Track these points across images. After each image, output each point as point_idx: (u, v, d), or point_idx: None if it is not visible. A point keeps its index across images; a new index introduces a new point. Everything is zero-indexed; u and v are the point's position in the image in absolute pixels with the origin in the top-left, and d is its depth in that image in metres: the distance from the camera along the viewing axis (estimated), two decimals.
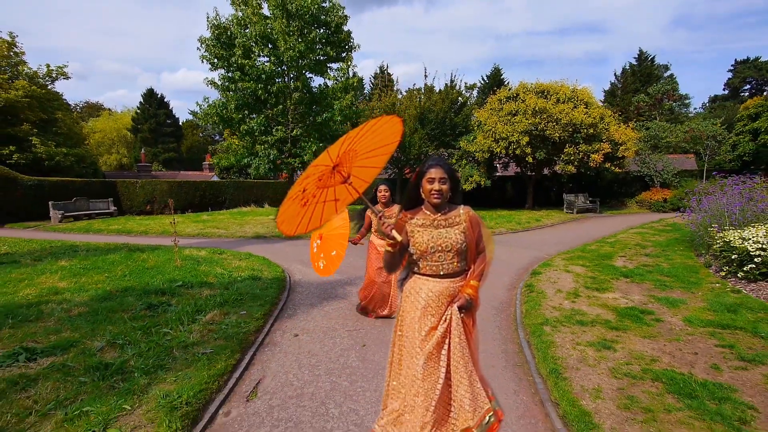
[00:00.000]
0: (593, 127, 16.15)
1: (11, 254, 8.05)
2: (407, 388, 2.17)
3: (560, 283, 5.78)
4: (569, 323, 4.14)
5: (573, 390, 2.84)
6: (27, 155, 21.35)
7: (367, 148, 2.14)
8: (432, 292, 2.15)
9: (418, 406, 2.09)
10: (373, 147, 2.15)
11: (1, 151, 20.57)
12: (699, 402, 2.62)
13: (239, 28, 12.14)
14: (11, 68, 22.34)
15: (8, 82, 21.19)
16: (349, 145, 2.05)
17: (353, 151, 2.10)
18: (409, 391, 2.15)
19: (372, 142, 2.12)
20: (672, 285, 5.55)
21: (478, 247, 2.22)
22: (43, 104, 22.83)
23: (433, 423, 2.07)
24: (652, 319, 4.24)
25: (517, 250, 9.03)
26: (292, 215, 2.17)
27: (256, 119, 12.74)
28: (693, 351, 3.43)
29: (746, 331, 3.78)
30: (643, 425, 2.42)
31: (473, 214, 2.21)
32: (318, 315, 4.68)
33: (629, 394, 2.76)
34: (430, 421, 2.05)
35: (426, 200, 2.17)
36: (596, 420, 2.48)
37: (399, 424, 2.19)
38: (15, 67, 22.61)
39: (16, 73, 22.45)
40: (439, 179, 2.11)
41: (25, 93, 20.96)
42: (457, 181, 2.20)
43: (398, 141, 2.23)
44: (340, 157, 2.07)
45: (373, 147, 2.16)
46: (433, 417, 2.06)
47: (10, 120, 21.00)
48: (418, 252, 2.15)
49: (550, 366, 3.20)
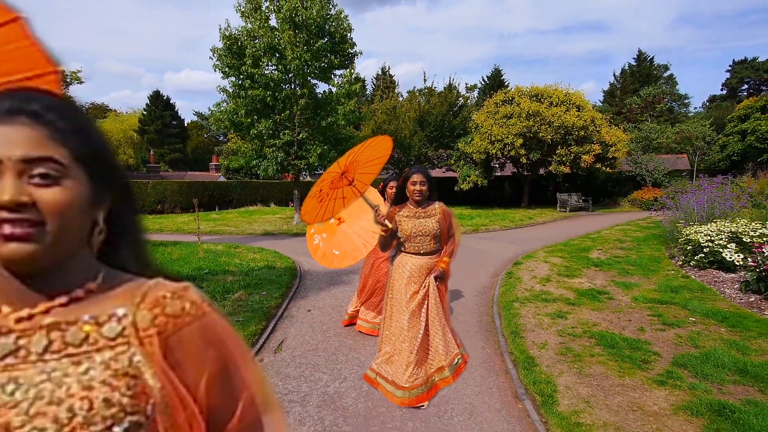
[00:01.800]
0: (584, 129, 16.94)
1: None
2: (396, 337, 3.00)
3: (536, 271, 6.61)
4: (535, 300, 4.98)
5: (526, 344, 3.68)
6: None
7: (366, 159, 3.00)
8: (414, 266, 2.95)
9: (404, 350, 2.92)
10: (370, 159, 3.01)
11: None
12: (618, 350, 3.46)
13: (249, 40, 13.02)
14: None
15: None
16: (353, 158, 2.90)
17: (356, 162, 2.96)
18: (397, 339, 2.98)
19: (370, 155, 2.98)
20: (633, 272, 6.38)
21: (449, 232, 3.03)
22: None
23: (415, 363, 2.90)
24: (605, 297, 5.07)
25: (506, 245, 9.85)
26: (311, 209, 3.02)
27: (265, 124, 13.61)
28: (628, 319, 4.27)
29: (678, 305, 4.61)
30: (570, 364, 3.26)
31: (445, 208, 3.04)
32: (326, 296, 5.54)
33: (567, 346, 3.60)
34: (413, 361, 2.88)
35: (410, 198, 2.98)
36: (537, 361, 3.32)
37: (390, 363, 3.02)
38: None
39: None
40: (420, 182, 2.92)
41: None
42: (432, 183, 3.00)
43: (389, 154, 3.09)
44: (346, 167, 2.93)
45: (371, 159, 3.02)
46: (415, 358, 2.89)
47: None
48: (404, 236, 2.96)
49: (512, 329, 4.04)
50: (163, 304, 0.60)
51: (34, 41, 0.88)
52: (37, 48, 0.72)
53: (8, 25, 0.84)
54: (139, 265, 0.66)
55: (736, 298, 4.82)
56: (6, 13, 0.80)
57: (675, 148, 23.53)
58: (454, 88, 22.59)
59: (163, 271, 0.67)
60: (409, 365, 2.84)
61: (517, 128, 17.15)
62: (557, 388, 2.89)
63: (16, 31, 0.85)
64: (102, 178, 0.59)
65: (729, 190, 9.64)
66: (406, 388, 2.79)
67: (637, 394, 2.79)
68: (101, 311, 0.58)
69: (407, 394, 2.78)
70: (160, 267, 0.69)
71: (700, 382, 2.88)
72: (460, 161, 20.32)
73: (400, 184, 3.07)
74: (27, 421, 0.50)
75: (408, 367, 2.84)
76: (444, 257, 3.01)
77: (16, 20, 0.84)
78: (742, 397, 2.68)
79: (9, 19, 0.78)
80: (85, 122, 0.59)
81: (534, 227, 13.92)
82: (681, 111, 52.92)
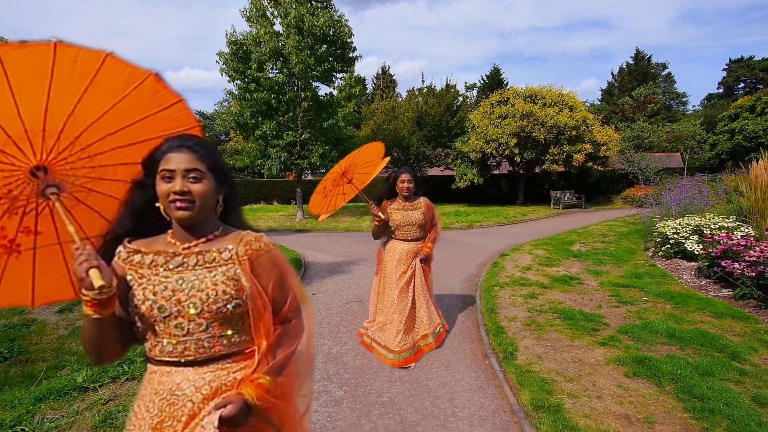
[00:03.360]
0: (576, 129, 17.55)
1: None
2: (387, 309, 3.66)
3: (520, 261, 7.27)
4: (514, 285, 5.64)
5: (499, 318, 4.34)
6: None
7: (363, 161, 3.65)
8: (403, 250, 3.58)
9: (395, 320, 3.57)
10: (366, 161, 3.67)
11: None
12: (574, 321, 4.11)
13: (255, 45, 13.66)
14: None
15: None
16: (352, 160, 3.57)
17: (354, 164, 3.62)
18: (389, 311, 3.63)
19: (366, 158, 3.64)
20: (607, 262, 7.03)
21: (432, 222, 3.68)
22: None
23: (404, 330, 3.55)
24: (576, 282, 5.72)
25: (497, 240, 10.50)
26: (317, 203, 3.68)
27: (269, 125, 14.28)
28: (590, 299, 4.92)
29: (637, 288, 5.26)
30: (532, 332, 3.92)
31: (429, 202, 3.66)
32: (329, 282, 6.20)
33: (533, 319, 4.26)
34: (402, 329, 3.53)
35: (399, 193, 3.63)
36: (506, 330, 3.98)
37: (383, 331, 3.68)
38: None
39: None
40: (407, 180, 3.55)
41: None
42: (418, 181, 3.63)
43: (382, 157, 3.73)
44: (346, 167, 3.58)
45: (367, 161, 3.67)
46: (404, 327, 3.54)
47: None
48: (394, 225, 3.60)
49: (489, 307, 4.70)
50: (250, 244, 1.25)
51: (183, 105, 1.27)
52: (186, 110, 1.35)
53: (145, 84, 1.19)
54: (238, 224, 1.32)
55: (690, 282, 5.47)
56: (141, 74, 1.18)
57: (667, 147, 24.15)
58: (451, 88, 23.21)
59: (251, 227, 1.33)
60: (399, 332, 3.48)
61: (511, 128, 17.77)
62: (518, 348, 3.55)
63: (161, 92, 1.23)
64: (221, 180, 1.24)
65: (706, 188, 10.27)
66: (396, 351, 3.39)
67: (580, 352, 3.44)
68: (221, 246, 1.23)
69: (397, 357, 3.38)
70: (249, 224, 1.35)
71: (634, 344, 3.54)
72: (457, 160, 20.95)
73: (390, 182, 3.72)
74: (187, 298, 1.14)
75: (398, 335, 3.48)
76: (428, 243, 3.66)
77: (150, 75, 1.20)
78: (664, 353, 3.33)
79: (145, 78, 1.33)
80: (213, 150, 1.24)
81: (527, 223, 14.55)
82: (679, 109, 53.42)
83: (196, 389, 1.15)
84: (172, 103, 1.30)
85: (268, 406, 1.17)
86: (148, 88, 1.26)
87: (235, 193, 1.33)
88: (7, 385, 2.90)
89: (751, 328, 3.74)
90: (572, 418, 2.49)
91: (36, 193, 1.19)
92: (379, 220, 3.50)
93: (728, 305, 4.38)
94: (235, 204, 1.33)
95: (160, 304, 1.13)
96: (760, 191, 6.39)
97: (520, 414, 2.64)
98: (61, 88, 1.16)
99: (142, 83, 1.24)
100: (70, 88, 1.17)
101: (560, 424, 2.43)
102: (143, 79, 1.24)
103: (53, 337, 3.81)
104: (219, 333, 1.18)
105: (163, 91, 1.28)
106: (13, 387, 2.86)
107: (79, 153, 1.22)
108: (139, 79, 1.24)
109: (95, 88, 1.20)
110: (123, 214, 1.23)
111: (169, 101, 1.30)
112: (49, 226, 1.23)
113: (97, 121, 1.22)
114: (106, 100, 1.21)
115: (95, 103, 1.20)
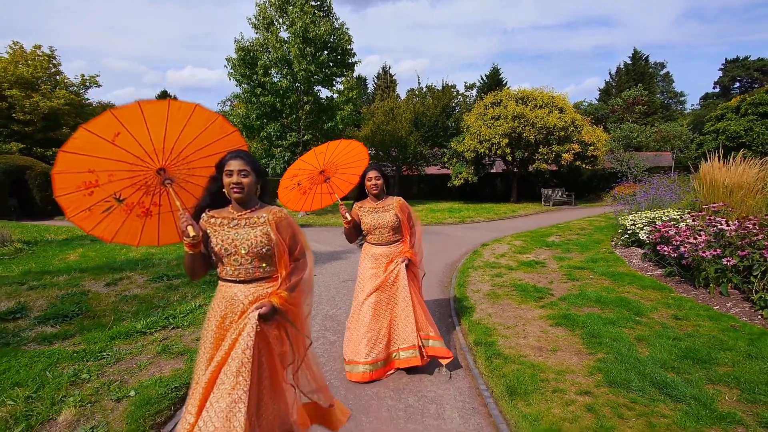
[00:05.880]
0: (564, 130, 18.45)
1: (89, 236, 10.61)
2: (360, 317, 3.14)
3: (497, 250, 8.22)
4: (485, 267, 6.59)
5: (466, 291, 5.29)
6: None
7: (345, 162, 3.39)
8: (376, 254, 3.17)
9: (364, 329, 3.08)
10: (348, 163, 3.40)
11: (45, 152, 23.27)
12: (526, 293, 5.06)
13: (262, 52, 14.65)
14: (51, 78, 25.00)
15: (50, 91, 23.82)
16: (331, 158, 3.30)
17: (334, 163, 3.35)
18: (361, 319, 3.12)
19: (347, 159, 3.38)
20: (574, 250, 7.97)
21: (410, 224, 3.20)
22: (78, 110, 25.45)
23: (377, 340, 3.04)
24: (540, 266, 6.67)
25: (484, 233, 11.44)
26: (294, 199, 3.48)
27: (273, 126, 15.26)
28: (546, 277, 5.87)
29: (589, 269, 6.20)
30: (490, 299, 4.87)
31: (402, 202, 3.19)
32: (328, 267, 7.17)
33: (493, 291, 5.21)
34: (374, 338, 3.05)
35: (368, 192, 3.18)
36: (469, 298, 4.93)
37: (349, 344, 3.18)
38: (54, 77, 25.26)
39: (55, 83, 25.11)
40: (375, 177, 3.09)
41: (66, 101, 23.60)
42: (388, 179, 3.20)
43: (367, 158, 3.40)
44: (325, 165, 3.33)
45: (348, 163, 3.40)
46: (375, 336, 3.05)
47: (52, 125, 23.68)
48: (365, 229, 3.19)
49: (460, 283, 5.65)
50: (275, 213, 2.21)
51: (237, 133, 2.27)
52: (238, 136, 2.30)
53: (216, 121, 2.36)
54: (268, 201, 2.28)
55: (636, 265, 6.40)
56: (214, 115, 2.39)
57: (654, 147, 25.02)
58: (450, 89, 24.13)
59: (276, 203, 2.29)
60: (369, 342, 3.04)
61: (503, 129, 18.68)
62: (475, 310, 4.51)
63: (225, 126, 2.43)
64: (259, 175, 2.20)
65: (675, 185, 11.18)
66: (366, 362, 3.01)
67: (522, 312, 4.40)
68: (259, 215, 2.19)
69: (369, 369, 3.01)
70: (275, 202, 2.31)
71: (567, 306, 4.48)
72: (453, 159, 21.88)
73: (359, 183, 3.32)
74: (240, 244, 2.10)
75: (368, 344, 3.03)
76: (408, 247, 3.20)
77: (219, 117, 2.40)
78: (587, 312, 4.27)
79: (216, 118, 2.34)
80: (253, 158, 2.20)
81: (515, 219, 15.48)
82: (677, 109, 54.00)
83: (245, 297, 2.10)
84: (230, 132, 2.27)
85: (286, 309, 2.12)
86: (217, 123, 2.22)
87: (266, 183, 2.28)
88: (85, 330, 3.88)
89: (664, 296, 4.68)
90: (501, 350, 3.44)
91: (159, 183, 2.15)
92: (347, 222, 3.13)
93: (655, 281, 5.32)
94: (266, 190, 2.28)
95: (225, 246, 2.08)
96: (705, 188, 7.32)
97: (465, 348, 3.60)
98: (172, 124, 2.12)
99: (215, 121, 2.20)
100: (177, 124, 2.12)
101: (491, 352, 3.39)
102: (215, 119, 2.20)
103: (107, 302, 4.79)
104: (258, 265, 2.13)
105: (226, 125, 2.24)
106: (91, 331, 3.84)
107: (182, 161, 2.18)
108: (213, 119, 2.20)
109: (190, 124, 2.15)
110: (204, 195, 2.18)
111: (230, 131, 2.27)
112: (166, 201, 2.20)
113: (191, 143, 2.18)
114: (195, 131, 2.17)
115: (190, 133, 2.16)
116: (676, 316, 4.03)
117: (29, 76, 23.18)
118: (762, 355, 3.06)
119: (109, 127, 2.00)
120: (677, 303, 4.40)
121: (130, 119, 2.02)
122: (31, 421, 2.41)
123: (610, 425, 2.36)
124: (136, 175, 2.11)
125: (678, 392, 2.61)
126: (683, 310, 4.17)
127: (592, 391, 2.74)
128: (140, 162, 2.10)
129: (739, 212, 6.41)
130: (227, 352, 2.02)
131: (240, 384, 1.93)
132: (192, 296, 5.05)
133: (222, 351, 2.03)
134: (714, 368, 2.93)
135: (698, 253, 4.75)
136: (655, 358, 3.10)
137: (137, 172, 2.11)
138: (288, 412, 2.24)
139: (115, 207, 2.11)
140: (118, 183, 2.09)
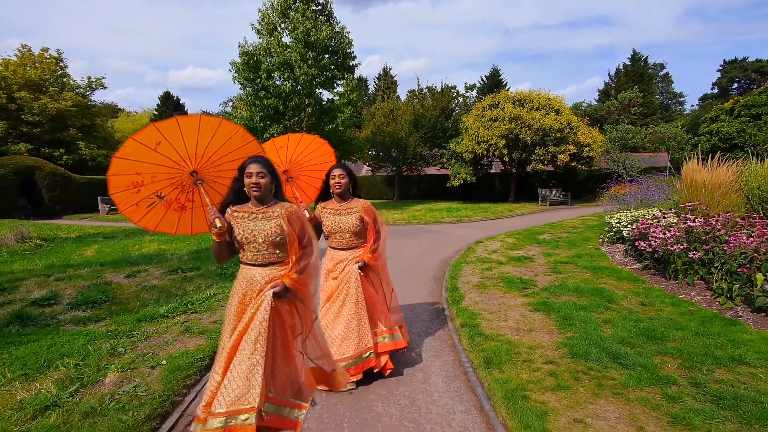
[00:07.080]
0: (560, 131, 18.90)
1: (101, 234, 11.11)
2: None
3: (490, 247, 8.67)
4: (477, 262, 7.04)
5: (457, 282, 5.75)
6: (74, 156, 24.55)
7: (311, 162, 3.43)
8: (334, 259, 3.14)
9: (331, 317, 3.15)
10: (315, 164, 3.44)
11: (53, 153, 23.79)
12: (512, 284, 5.51)
13: (265, 56, 15.14)
14: (58, 80, 25.53)
15: (58, 93, 24.35)
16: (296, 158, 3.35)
17: (297, 164, 3.40)
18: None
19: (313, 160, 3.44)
20: (562, 247, 8.41)
21: (375, 228, 3.11)
22: (84, 111, 25.98)
23: None
24: (528, 261, 7.12)
25: (480, 231, 11.89)
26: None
27: (276, 128, 15.72)
28: (532, 270, 6.32)
29: (573, 264, 6.65)
30: (478, 289, 5.33)
31: (368, 206, 3.11)
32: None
33: (482, 283, 5.66)
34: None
35: (332, 192, 3.08)
36: (460, 289, 5.39)
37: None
38: (61, 79, 25.78)
39: (62, 85, 25.64)
40: (339, 176, 3.02)
41: (73, 103, 24.12)
42: (355, 178, 3.10)
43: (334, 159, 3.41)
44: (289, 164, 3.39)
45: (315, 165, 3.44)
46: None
47: (59, 126, 24.21)
48: (326, 231, 3.11)
49: (452, 275, 6.11)
50: (287, 208, 2.69)
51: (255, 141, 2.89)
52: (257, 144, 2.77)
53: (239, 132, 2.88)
54: (281, 198, 2.75)
55: (617, 260, 6.85)
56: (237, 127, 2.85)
57: (650, 147, 25.46)
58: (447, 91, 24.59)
59: (287, 200, 2.77)
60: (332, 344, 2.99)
61: (500, 130, 19.14)
62: (464, 298, 4.97)
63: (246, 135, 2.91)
64: (273, 176, 2.67)
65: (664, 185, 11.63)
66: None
67: (506, 300, 4.85)
68: (273, 209, 2.67)
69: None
70: (286, 199, 2.78)
71: (547, 295, 4.93)
72: (451, 160, 22.35)
73: (323, 181, 3.21)
74: (258, 234, 2.58)
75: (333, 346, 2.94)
76: (367, 250, 3.08)
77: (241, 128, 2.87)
78: (564, 300, 4.73)
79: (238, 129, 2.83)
80: (269, 162, 2.67)
81: (512, 218, 15.92)
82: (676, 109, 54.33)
83: (262, 277, 2.56)
84: (250, 141, 2.73)
85: (296, 289, 2.58)
86: (240, 134, 2.68)
87: (280, 183, 2.75)
88: (114, 314, 4.35)
89: (636, 286, 5.13)
90: (483, 330, 3.90)
91: (192, 183, 2.61)
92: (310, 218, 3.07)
93: (632, 273, 5.78)
94: (280, 189, 2.74)
95: (245, 236, 2.55)
96: (687, 188, 7.77)
97: (452, 330, 4.06)
98: (202, 135, 2.58)
99: (238, 131, 2.67)
100: (207, 135, 2.59)
101: (474, 332, 3.85)
102: (237, 130, 2.67)
103: (130, 291, 5.27)
104: (273, 251, 2.59)
105: (246, 135, 2.71)
106: (119, 315, 4.31)
107: (210, 165, 2.64)
108: (236, 130, 2.66)
109: (217, 134, 2.62)
110: (229, 193, 2.65)
111: (250, 140, 2.74)
112: (198, 198, 2.67)
113: (218, 150, 2.64)
114: (222, 140, 2.64)
115: (217, 142, 2.63)
116: (642, 302, 4.49)
117: (37, 79, 23.71)
118: (708, 333, 3.51)
119: (152, 137, 2.46)
120: (646, 292, 4.85)
121: (169, 131, 2.48)
122: (84, 381, 2.88)
123: (567, 385, 2.82)
124: (173, 176, 2.58)
125: (629, 361, 3.07)
126: (650, 297, 4.62)
127: (557, 361, 3.20)
128: (177, 166, 2.56)
129: (717, 210, 6.87)
130: (247, 324, 2.48)
131: (258, 350, 2.38)
132: (206, 286, 5.51)
133: (243, 322, 2.49)
134: (664, 344, 3.38)
135: (668, 247, 5.20)
136: (615, 336, 3.56)
137: (175, 174, 2.58)
138: (297, 374, 2.70)
139: (157, 203, 2.58)
140: (159, 183, 2.56)
